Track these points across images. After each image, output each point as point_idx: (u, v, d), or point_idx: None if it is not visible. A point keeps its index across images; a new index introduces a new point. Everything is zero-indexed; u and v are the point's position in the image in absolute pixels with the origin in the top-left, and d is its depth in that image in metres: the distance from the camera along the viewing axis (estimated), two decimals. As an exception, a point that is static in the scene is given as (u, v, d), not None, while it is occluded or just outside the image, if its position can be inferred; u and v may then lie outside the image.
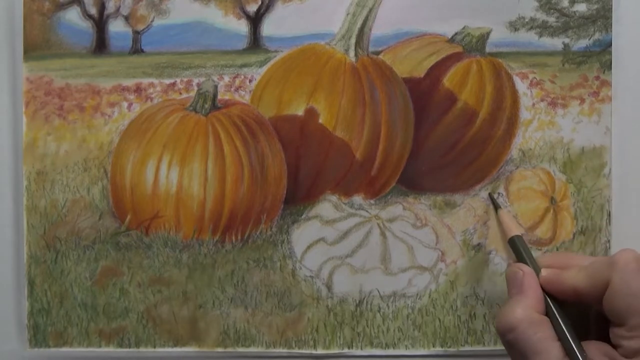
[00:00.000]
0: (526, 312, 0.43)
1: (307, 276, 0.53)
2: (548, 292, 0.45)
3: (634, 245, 0.52)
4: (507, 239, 0.49)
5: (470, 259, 0.53)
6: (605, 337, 0.43)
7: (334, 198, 0.53)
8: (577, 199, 0.53)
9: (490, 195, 0.53)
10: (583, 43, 0.53)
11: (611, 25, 0.52)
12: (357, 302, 0.53)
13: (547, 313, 0.44)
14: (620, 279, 0.41)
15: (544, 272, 0.46)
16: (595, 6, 0.52)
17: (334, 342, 0.53)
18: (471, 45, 0.53)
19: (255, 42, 0.53)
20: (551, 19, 0.53)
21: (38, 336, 0.53)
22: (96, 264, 0.53)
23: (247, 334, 0.53)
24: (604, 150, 0.53)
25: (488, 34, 0.53)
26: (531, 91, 0.53)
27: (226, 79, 0.53)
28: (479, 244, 0.53)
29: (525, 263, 0.47)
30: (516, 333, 0.42)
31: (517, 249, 0.48)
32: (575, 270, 0.44)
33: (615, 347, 0.42)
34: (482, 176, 0.53)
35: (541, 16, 0.53)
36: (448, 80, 0.53)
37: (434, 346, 0.53)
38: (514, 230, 0.49)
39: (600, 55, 0.53)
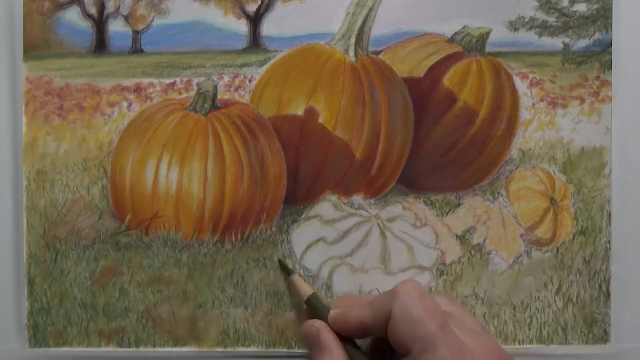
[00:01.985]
0: None
1: (307, 276, 0.53)
2: (339, 334, 0.47)
3: (634, 246, 0.52)
4: (305, 300, 0.50)
5: (470, 259, 0.53)
6: None
7: (334, 198, 0.53)
8: (578, 200, 0.53)
9: (280, 261, 0.53)
10: (583, 43, 0.53)
11: (611, 25, 0.52)
12: (357, 302, 0.53)
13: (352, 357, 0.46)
14: (401, 308, 0.42)
15: (332, 313, 0.47)
16: (596, 6, 0.52)
17: (334, 342, 0.53)
18: (471, 45, 0.53)
19: (255, 42, 0.53)
20: (551, 19, 0.53)
21: (38, 336, 0.53)
22: (96, 264, 0.53)
23: (247, 334, 0.53)
24: (604, 151, 0.53)
25: (488, 34, 0.53)
26: (531, 91, 0.53)
27: (226, 79, 0.53)
28: (479, 244, 0.53)
29: (323, 318, 0.48)
30: None
31: (315, 305, 0.49)
32: (360, 307, 0.46)
33: None
34: (482, 176, 0.53)
35: (541, 16, 0.53)
36: (448, 80, 0.53)
37: (433, 346, 0.53)
38: (309, 290, 0.50)
39: (601, 55, 0.53)
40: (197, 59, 0.53)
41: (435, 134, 0.53)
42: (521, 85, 0.53)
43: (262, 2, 0.53)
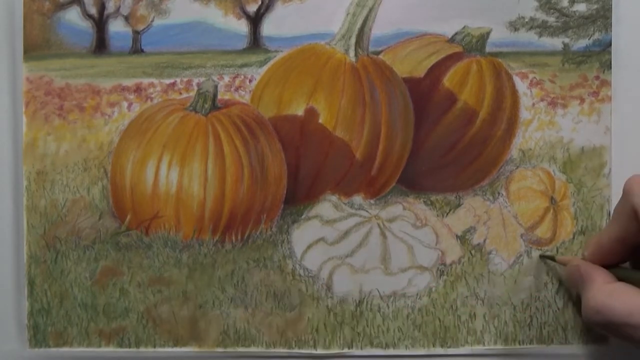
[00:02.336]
0: (604, 287, 0.44)
1: (307, 276, 0.53)
2: (598, 262, 0.46)
3: (634, 245, 0.52)
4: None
5: (470, 259, 0.53)
6: None
7: (334, 198, 0.53)
8: (577, 199, 0.53)
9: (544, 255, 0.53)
10: (583, 43, 0.53)
11: (611, 25, 0.52)
12: (357, 302, 0.53)
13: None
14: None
15: (585, 253, 0.47)
16: (595, 6, 0.52)
17: (334, 342, 0.53)
18: (471, 45, 0.53)
19: (255, 42, 0.53)
20: (551, 19, 0.53)
21: (38, 336, 0.53)
22: (96, 264, 0.53)
23: (247, 334, 0.53)
24: (603, 150, 0.53)
25: (488, 34, 0.53)
26: (531, 91, 0.53)
27: (226, 78, 0.53)
28: (479, 244, 0.53)
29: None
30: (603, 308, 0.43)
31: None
32: (600, 233, 0.45)
33: None
34: (482, 176, 0.53)
35: (541, 16, 0.53)
36: (448, 80, 0.53)
37: (434, 346, 0.53)
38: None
39: (600, 55, 0.53)
40: (197, 59, 0.53)
41: (435, 134, 0.53)
42: (521, 85, 0.53)
43: (262, 2, 0.53)
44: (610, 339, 0.53)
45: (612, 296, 0.43)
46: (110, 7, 0.53)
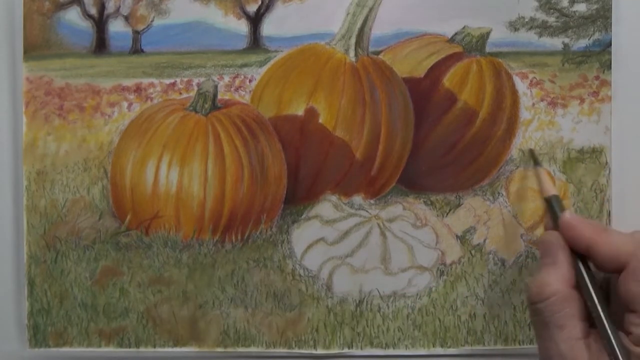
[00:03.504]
0: (559, 286, 0.43)
1: (307, 276, 0.53)
2: (565, 235, 0.44)
3: (634, 245, 0.52)
4: (544, 197, 0.48)
5: (470, 259, 0.53)
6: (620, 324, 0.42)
7: (334, 198, 0.53)
8: (577, 199, 0.53)
9: (531, 150, 0.52)
10: (583, 43, 0.53)
11: (611, 25, 0.52)
12: (357, 302, 0.53)
13: (578, 283, 0.44)
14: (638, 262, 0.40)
15: (567, 214, 0.45)
16: (595, 6, 0.52)
17: (334, 342, 0.53)
18: (471, 45, 0.53)
19: (255, 42, 0.53)
20: (551, 19, 0.53)
21: (38, 336, 0.53)
22: (96, 264, 0.53)
23: (247, 334, 0.53)
24: (603, 150, 0.53)
25: (488, 34, 0.53)
26: (531, 91, 0.53)
27: (226, 79, 0.53)
28: (479, 244, 0.53)
29: (557, 221, 0.46)
30: (546, 304, 0.43)
31: (553, 208, 0.47)
32: (599, 229, 0.44)
33: (627, 333, 0.41)
34: (482, 176, 0.53)
35: (541, 16, 0.53)
36: (448, 80, 0.53)
37: (434, 346, 0.53)
38: (552, 190, 0.48)
39: (600, 55, 0.53)
40: (197, 59, 0.53)
41: (435, 134, 0.53)
42: (521, 85, 0.53)
43: (262, 2, 0.53)
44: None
45: (561, 302, 0.43)
46: (110, 7, 0.53)
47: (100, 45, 0.53)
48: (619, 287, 0.42)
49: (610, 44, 0.52)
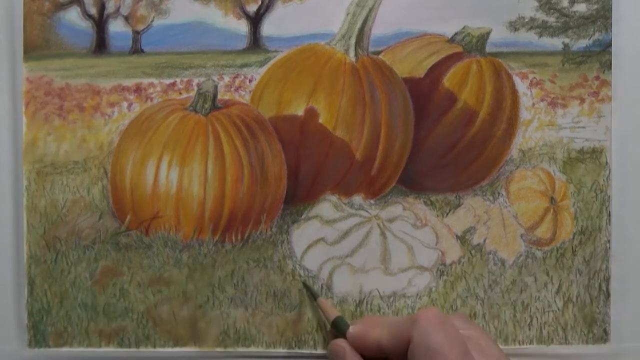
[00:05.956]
0: None
1: (307, 276, 0.53)
2: (356, 349, 0.47)
3: (634, 246, 0.52)
4: (330, 322, 0.50)
5: (470, 259, 0.53)
6: None
7: (334, 198, 0.53)
8: (577, 199, 0.53)
9: (304, 284, 0.53)
10: (583, 43, 0.53)
11: (611, 25, 0.52)
12: (357, 302, 0.53)
13: None
14: (420, 335, 0.42)
15: (351, 330, 0.48)
16: (595, 6, 0.52)
17: (334, 342, 0.53)
18: (471, 45, 0.53)
19: (255, 42, 0.53)
20: (551, 19, 0.53)
21: (38, 336, 0.53)
22: (96, 264, 0.53)
23: (247, 334, 0.53)
24: (604, 150, 0.53)
25: (488, 34, 0.53)
26: (531, 91, 0.53)
27: (226, 79, 0.53)
28: (479, 244, 0.53)
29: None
30: None
31: (340, 328, 0.49)
32: (380, 327, 0.46)
33: None
34: (482, 176, 0.54)
35: (541, 16, 0.53)
36: (448, 80, 0.53)
37: (434, 346, 0.53)
38: (335, 313, 0.50)
39: (600, 55, 0.53)
40: (197, 59, 0.53)
41: (435, 134, 0.53)
42: (521, 85, 0.53)
43: (262, 2, 0.53)
44: (610, 338, 0.53)
45: None
46: (110, 7, 0.53)
47: (100, 45, 0.53)
48: None
49: (610, 44, 0.53)
